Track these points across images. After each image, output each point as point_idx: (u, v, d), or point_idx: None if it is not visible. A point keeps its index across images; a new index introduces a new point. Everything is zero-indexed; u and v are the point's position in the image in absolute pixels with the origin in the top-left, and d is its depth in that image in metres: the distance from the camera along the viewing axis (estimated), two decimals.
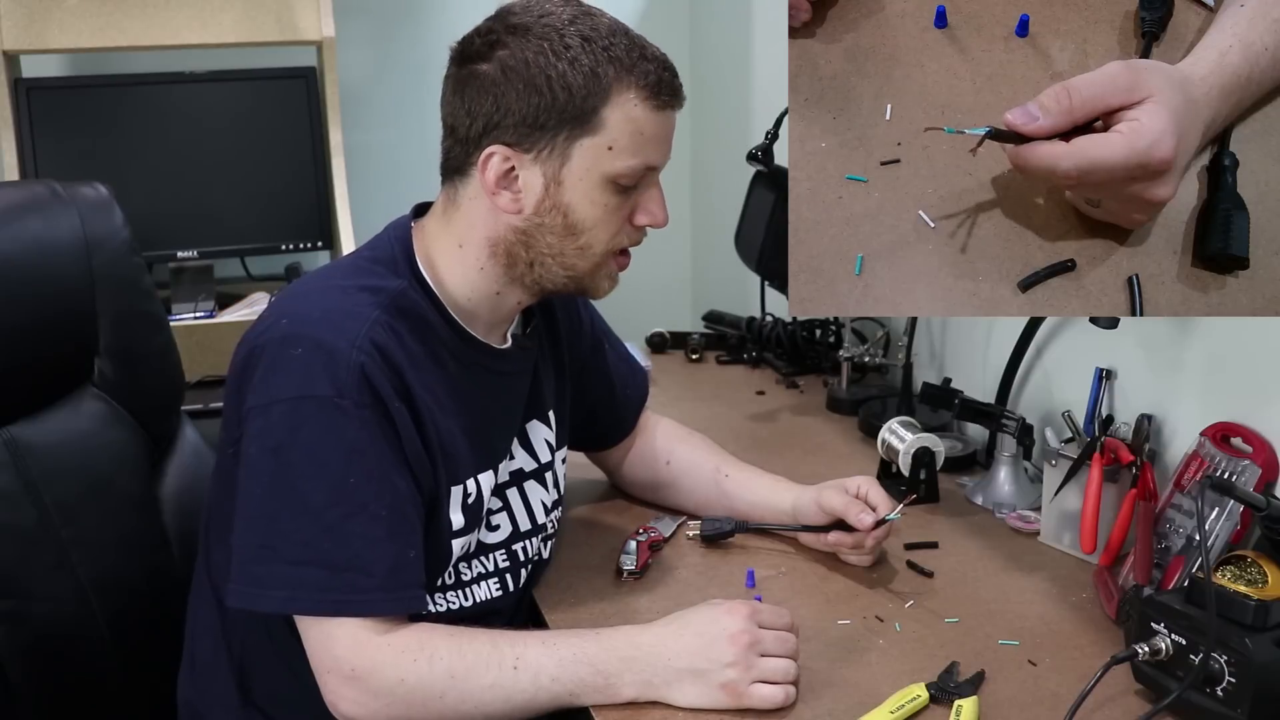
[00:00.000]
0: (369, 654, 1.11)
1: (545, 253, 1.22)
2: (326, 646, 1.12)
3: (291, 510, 1.11)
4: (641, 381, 1.59)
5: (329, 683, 1.12)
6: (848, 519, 1.38)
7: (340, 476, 1.11)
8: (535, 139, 1.16)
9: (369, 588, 1.11)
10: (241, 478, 1.14)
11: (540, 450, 1.37)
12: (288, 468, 1.11)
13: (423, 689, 1.11)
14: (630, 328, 2.38)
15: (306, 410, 1.11)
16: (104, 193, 1.39)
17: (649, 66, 1.18)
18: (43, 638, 1.33)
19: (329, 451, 1.11)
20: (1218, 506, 1.27)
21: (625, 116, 1.17)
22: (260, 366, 1.14)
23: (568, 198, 1.19)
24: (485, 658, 1.12)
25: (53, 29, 2.24)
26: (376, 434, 1.13)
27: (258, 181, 2.42)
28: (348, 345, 1.12)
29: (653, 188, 1.23)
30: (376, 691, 1.11)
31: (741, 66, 2.61)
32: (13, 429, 1.33)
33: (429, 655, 1.11)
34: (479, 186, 1.20)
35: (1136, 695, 1.14)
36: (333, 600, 1.11)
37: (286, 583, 1.11)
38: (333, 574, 1.10)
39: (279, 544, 1.11)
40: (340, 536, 1.11)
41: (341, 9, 2.39)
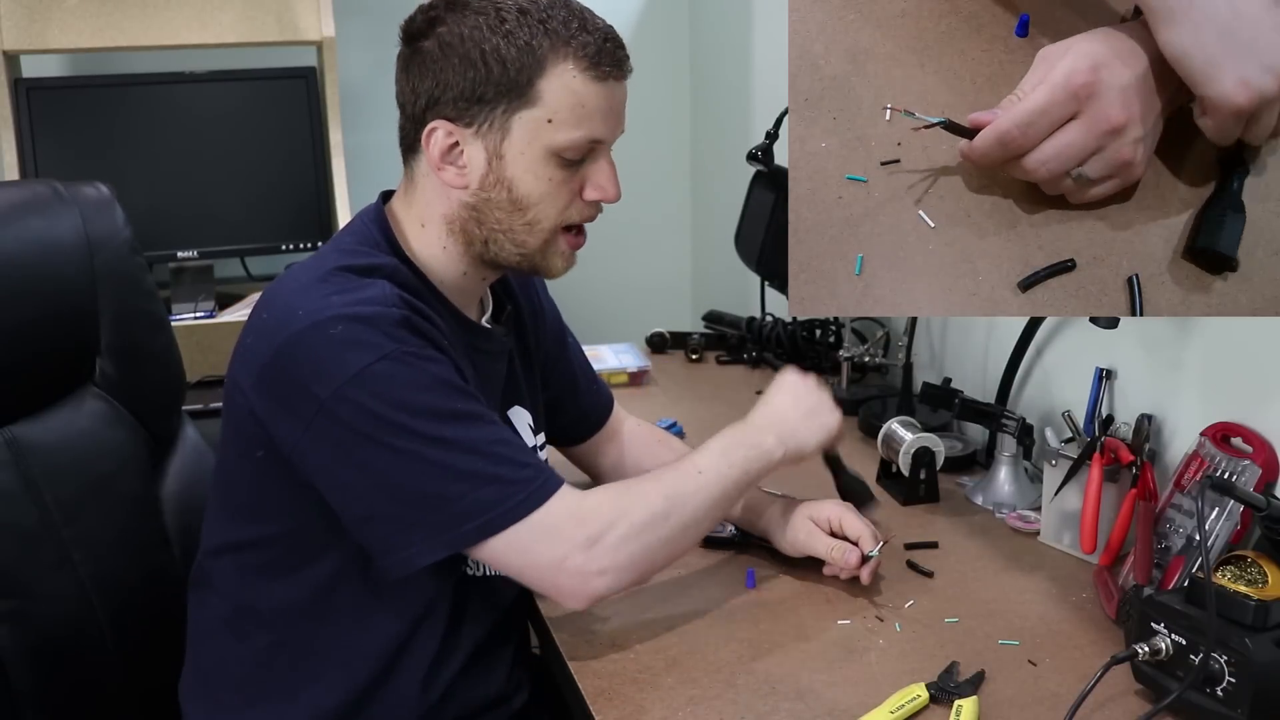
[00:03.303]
0: (588, 513, 1.17)
1: (496, 229, 1.22)
2: (554, 536, 1.15)
3: (431, 455, 1.13)
4: (606, 386, 1.61)
5: (571, 568, 1.16)
6: (832, 563, 1.36)
7: (448, 406, 1.15)
8: (474, 113, 1.18)
9: (535, 473, 1.17)
10: (350, 462, 1.13)
11: (525, 435, 1.38)
12: (401, 427, 1.12)
13: (650, 515, 1.19)
14: (630, 328, 2.39)
15: (386, 370, 1.12)
16: (105, 192, 1.40)
17: (588, 38, 1.17)
18: (44, 637, 1.33)
19: (425, 393, 1.14)
20: (1218, 506, 1.27)
21: (564, 88, 1.17)
22: (306, 360, 1.12)
23: (510, 171, 1.19)
24: (676, 474, 1.25)
25: (53, 29, 2.25)
26: (447, 364, 1.17)
27: (258, 181, 2.42)
28: (382, 307, 1.14)
29: (601, 161, 1.23)
30: (616, 543, 1.17)
31: (741, 66, 2.61)
32: (14, 428, 1.34)
33: (637, 491, 1.22)
34: (428, 162, 1.21)
35: (1136, 695, 1.14)
36: (521, 499, 1.14)
37: (470, 513, 1.13)
38: (503, 483, 1.14)
39: (441, 487, 1.13)
40: (484, 450, 1.15)
41: (341, 9, 2.39)
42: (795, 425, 1.34)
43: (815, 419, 1.36)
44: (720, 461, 1.26)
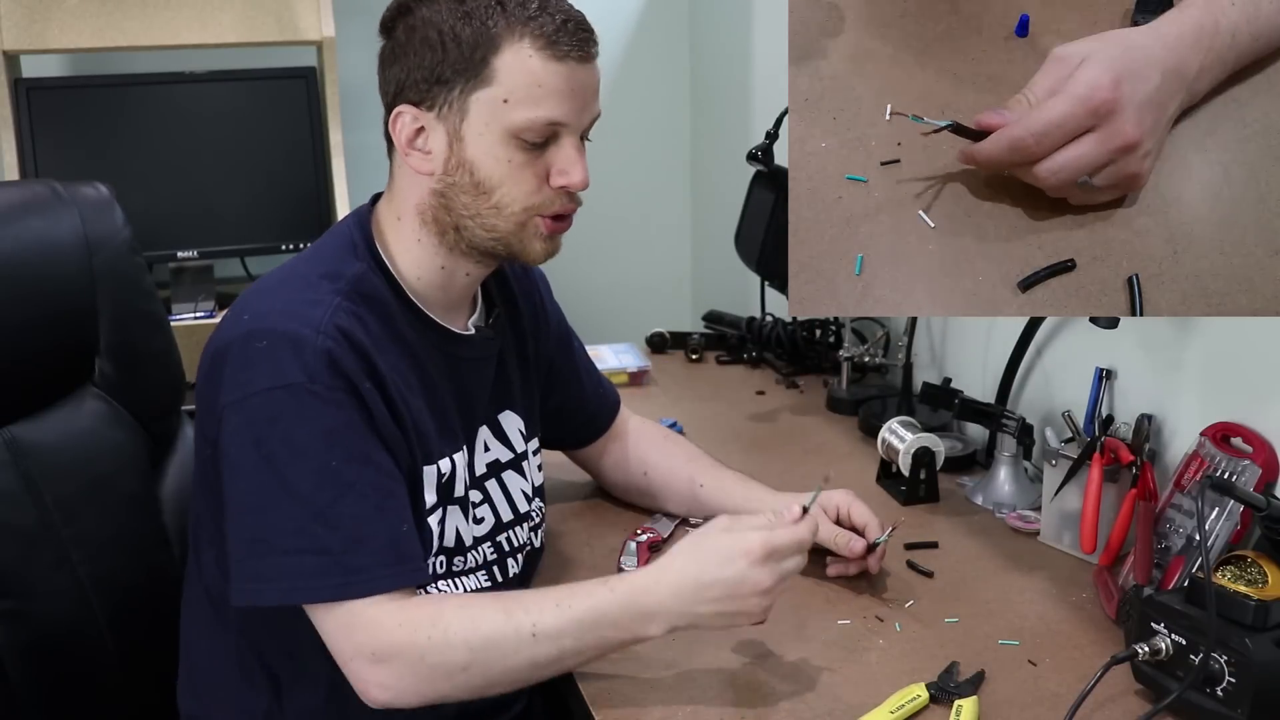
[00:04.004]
0: (386, 634, 1.10)
1: (463, 214, 1.21)
2: (345, 634, 1.11)
3: (279, 501, 1.11)
4: (611, 385, 1.59)
5: (354, 670, 1.11)
6: (837, 550, 1.36)
7: (323, 461, 1.11)
8: (435, 94, 1.17)
9: (368, 565, 1.11)
10: (225, 477, 1.14)
11: (515, 440, 1.37)
12: (270, 459, 1.11)
13: (445, 664, 1.10)
14: (630, 328, 2.39)
15: (280, 400, 1.11)
16: (104, 192, 1.39)
17: (546, 18, 1.16)
18: (43, 636, 1.33)
19: (308, 437, 1.11)
20: (1218, 506, 1.27)
21: (520, 67, 1.16)
22: (228, 365, 1.14)
23: (470, 153, 1.18)
24: (500, 627, 1.11)
25: (53, 29, 2.25)
26: (352, 415, 1.13)
27: (258, 181, 2.42)
28: (312, 332, 1.13)
29: (565, 145, 1.20)
30: (401, 672, 1.10)
31: (741, 66, 2.61)
32: (13, 428, 1.34)
33: (443, 629, 1.10)
34: (399, 150, 1.21)
35: (1136, 695, 1.14)
36: (334, 584, 1.10)
37: (285, 573, 1.11)
38: (330, 558, 1.10)
39: (272, 536, 1.11)
40: (332, 520, 1.10)
41: (341, 9, 2.39)
42: (696, 614, 1.12)
43: (728, 609, 1.12)
44: (572, 631, 1.11)
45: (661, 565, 1.15)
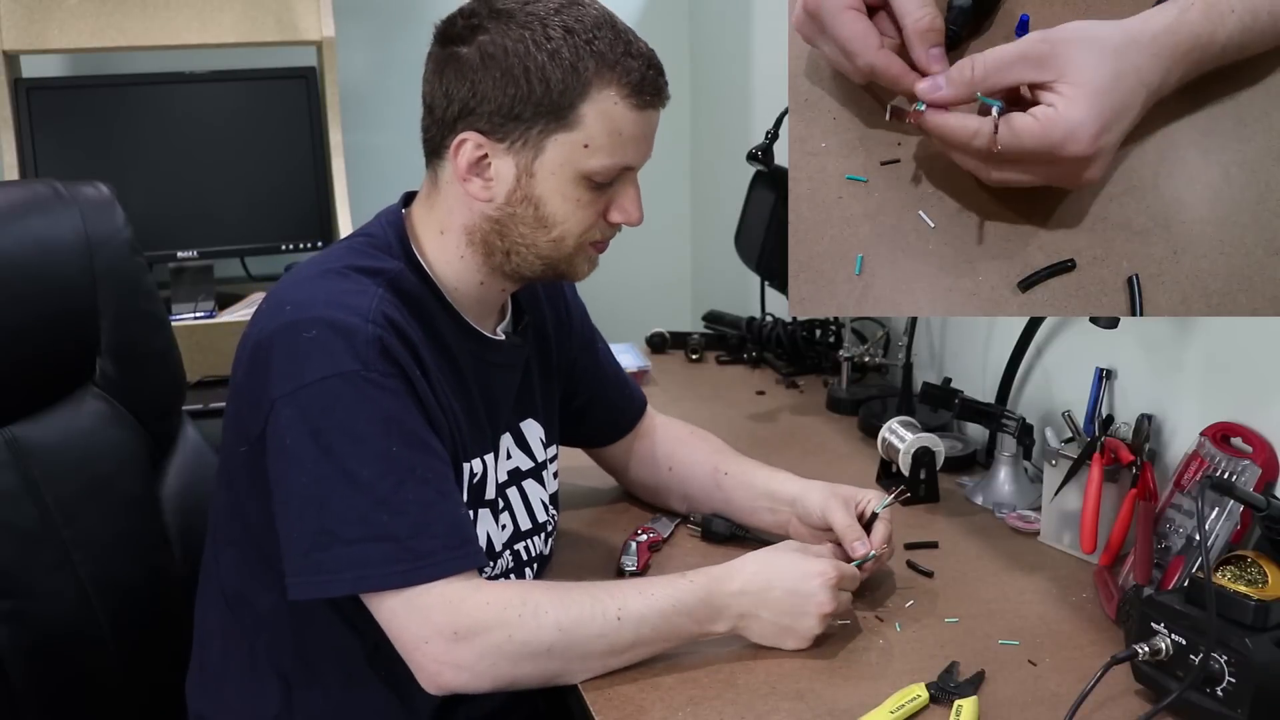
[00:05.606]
0: (469, 612, 1.10)
1: (519, 242, 1.21)
2: (421, 616, 1.10)
3: (342, 490, 1.10)
4: (638, 386, 1.59)
5: (429, 652, 1.10)
6: (843, 542, 1.35)
7: (383, 447, 1.11)
8: (509, 129, 1.16)
9: (435, 549, 1.11)
10: (279, 470, 1.13)
11: (536, 449, 1.37)
12: (329, 449, 1.10)
13: (531, 643, 1.11)
14: (630, 328, 2.39)
15: (335, 388, 1.11)
16: (105, 192, 1.40)
17: (633, 64, 1.16)
18: (43, 637, 1.33)
19: (366, 424, 1.11)
20: (1218, 506, 1.27)
21: (604, 115, 1.15)
22: (275, 357, 1.13)
23: (539, 190, 1.18)
24: (589, 609, 1.13)
25: (53, 29, 2.25)
26: (407, 402, 1.13)
27: (258, 181, 2.42)
28: (361, 320, 1.12)
29: (629, 185, 1.22)
30: (483, 651, 1.10)
31: (741, 66, 2.61)
32: (14, 428, 1.34)
33: (534, 609, 1.11)
34: (453, 171, 1.20)
35: (1136, 695, 1.14)
36: (403, 570, 1.10)
37: (353, 563, 1.10)
38: (397, 544, 1.10)
39: (336, 526, 1.10)
40: (396, 506, 1.10)
41: (341, 9, 2.40)
42: (762, 624, 1.19)
43: (785, 621, 1.19)
44: (653, 619, 1.15)
45: (734, 565, 1.20)
